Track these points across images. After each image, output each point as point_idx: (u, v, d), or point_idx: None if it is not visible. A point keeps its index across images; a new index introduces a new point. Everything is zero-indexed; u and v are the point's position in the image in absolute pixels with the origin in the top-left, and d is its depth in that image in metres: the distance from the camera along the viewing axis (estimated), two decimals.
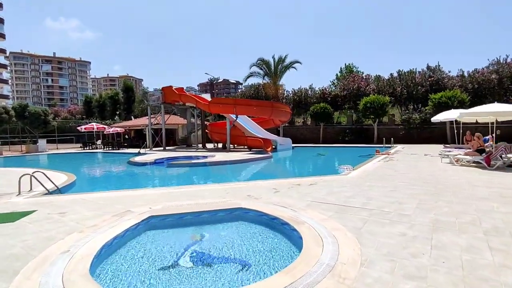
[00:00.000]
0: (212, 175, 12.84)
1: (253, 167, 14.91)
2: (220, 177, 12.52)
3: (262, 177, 11.68)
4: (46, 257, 3.82)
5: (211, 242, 4.85)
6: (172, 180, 11.82)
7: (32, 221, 5.38)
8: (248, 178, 12.07)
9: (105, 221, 5.24)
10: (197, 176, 12.62)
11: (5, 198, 7.47)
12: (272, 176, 11.85)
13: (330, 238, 4.19)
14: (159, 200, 6.66)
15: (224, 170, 13.93)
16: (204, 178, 12.35)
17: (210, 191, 7.59)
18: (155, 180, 12.06)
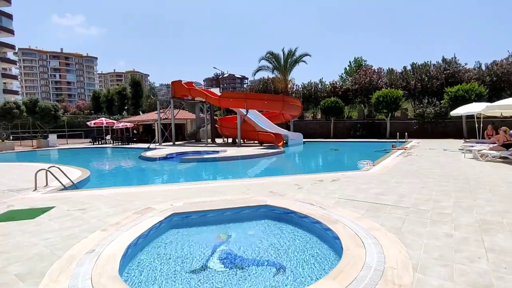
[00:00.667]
0: (226, 171, 12.61)
1: (267, 162, 14.63)
2: (235, 172, 12.29)
3: (279, 173, 11.41)
4: (71, 257, 3.61)
5: (239, 242, 4.61)
6: (186, 176, 11.62)
7: (52, 218, 5.20)
8: (265, 173, 11.79)
9: (127, 219, 5.03)
10: (211, 172, 12.40)
11: (22, 193, 7.33)
12: (288, 172, 11.57)
13: (370, 239, 3.91)
14: (178, 197, 6.44)
15: (238, 165, 13.69)
16: (219, 173, 12.13)
17: (229, 187, 7.34)
18: (169, 176, 11.87)
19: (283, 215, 5.44)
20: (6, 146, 24.07)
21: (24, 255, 3.73)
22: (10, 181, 9.31)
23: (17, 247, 3.98)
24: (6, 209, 5.93)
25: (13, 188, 8.09)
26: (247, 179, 8.32)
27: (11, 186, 8.38)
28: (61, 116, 27.72)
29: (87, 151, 23.88)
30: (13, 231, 4.62)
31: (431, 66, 26.61)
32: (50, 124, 27.39)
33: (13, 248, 3.97)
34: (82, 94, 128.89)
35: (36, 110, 26.00)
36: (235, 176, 11.41)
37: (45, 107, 26.26)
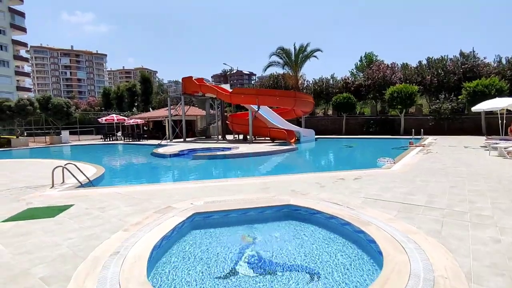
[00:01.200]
0: (240, 168, 12.41)
1: (281, 159, 14.39)
2: (249, 169, 12.08)
3: (295, 170, 11.16)
4: (96, 260, 3.46)
5: (265, 245, 4.40)
6: (201, 173, 11.46)
7: (72, 217, 5.09)
8: (281, 171, 11.53)
9: (148, 218, 4.87)
10: (225, 169, 12.23)
11: (39, 191, 7.28)
12: (305, 169, 11.30)
13: (410, 243, 3.65)
14: (197, 195, 6.27)
15: (251, 162, 13.48)
16: (233, 170, 11.94)
17: (248, 185, 7.14)
18: (183, 173, 11.73)
19: (308, 215, 5.21)
20: (20, 143, 24.40)
21: (47, 256, 3.59)
22: (26, 177, 9.30)
23: (40, 248, 3.85)
24: (25, 206, 5.85)
25: (30, 185, 8.06)
26: (265, 177, 8.10)
27: (28, 183, 8.35)
28: (73, 113, 27.96)
29: (99, 148, 24.02)
30: (34, 230, 4.51)
31: (448, 60, 25.79)
32: (63, 120, 27.66)
33: (35, 248, 3.85)
34: (92, 91, 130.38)
35: (49, 106, 26.26)
36: (250, 173, 11.22)
37: (58, 104, 26.50)
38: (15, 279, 3.11)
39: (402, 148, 14.81)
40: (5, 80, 53.35)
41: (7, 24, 54.57)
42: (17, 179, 8.99)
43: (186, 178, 10.62)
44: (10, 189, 7.56)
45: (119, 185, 8.77)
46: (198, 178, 10.71)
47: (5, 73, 53.41)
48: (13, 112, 24.25)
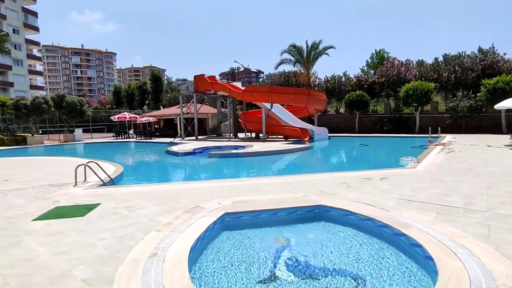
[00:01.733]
0: (258, 166, 12.29)
1: (298, 158, 14.21)
2: (267, 168, 11.95)
3: (314, 169, 11.00)
4: (135, 262, 3.38)
5: (301, 247, 4.27)
6: (219, 172, 11.37)
7: (101, 216, 5.04)
8: (299, 170, 11.32)
9: (178, 219, 4.79)
10: (242, 167, 12.12)
11: (63, 189, 7.29)
12: (324, 168, 11.13)
13: (461, 248, 3.47)
14: (223, 194, 6.17)
15: (268, 161, 13.36)
16: (251, 169, 11.82)
17: (273, 184, 7.02)
18: (201, 171, 11.65)
19: (341, 216, 5.06)
20: (36, 140, 24.78)
21: (85, 257, 3.54)
22: (47, 175, 9.37)
23: (75, 248, 3.80)
24: (53, 205, 5.84)
25: (53, 183, 8.10)
26: (287, 176, 7.96)
27: (51, 180, 8.39)
28: (86, 111, 28.24)
29: (112, 145, 24.23)
30: (67, 229, 4.47)
31: (465, 57, 25.12)
32: (76, 118, 27.98)
33: (71, 248, 3.80)
34: (102, 89, 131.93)
35: (63, 105, 26.57)
36: (269, 172, 11.09)
37: (72, 102, 26.80)
38: (57, 280, 3.05)
39: (421, 147, 14.47)
40: (19, 78, 54.33)
41: (21, 24, 55.47)
42: (39, 177, 9.05)
43: (204, 176, 10.55)
44: (35, 187, 7.60)
45: (139, 183, 8.75)
46: (216, 177, 10.60)
47: (19, 72, 54.37)
48: (29, 110, 24.62)
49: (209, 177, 10.23)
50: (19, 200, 6.33)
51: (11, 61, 49.98)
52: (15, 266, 3.36)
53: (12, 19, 53.54)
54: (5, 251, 3.77)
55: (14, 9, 54.48)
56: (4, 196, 6.77)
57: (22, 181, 8.44)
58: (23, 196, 6.68)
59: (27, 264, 3.41)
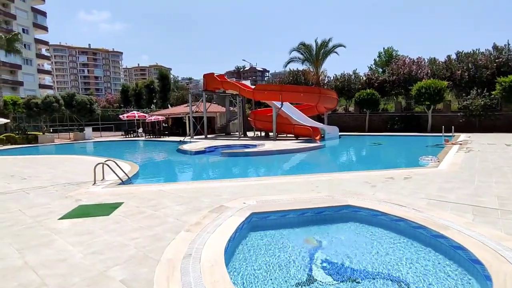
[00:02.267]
0: (273, 165, 12.18)
1: (312, 157, 14.07)
2: (282, 167, 11.82)
3: (332, 168, 10.84)
4: (171, 263, 3.31)
5: (334, 248, 4.17)
6: (233, 170, 11.30)
7: (127, 215, 4.99)
8: (317, 169, 11.16)
9: (206, 218, 4.71)
10: (258, 166, 12.02)
11: (83, 187, 7.27)
12: (341, 167, 10.95)
13: (508, 251, 3.32)
14: (245, 194, 6.08)
15: (281, 159, 13.24)
16: (266, 168, 11.72)
17: (293, 183, 6.91)
18: (216, 170, 11.57)
19: (370, 217, 4.93)
20: (47, 139, 24.99)
21: (119, 257, 3.47)
22: (65, 173, 9.38)
23: (108, 248, 3.74)
24: (75, 203, 5.81)
25: (71, 181, 8.09)
26: (308, 175, 7.84)
27: (69, 179, 8.39)
28: (96, 110, 28.40)
29: (123, 144, 24.33)
30: (95, 229, 4.42)
31: (479, 54, 24.62)
32: (86, 117, 28.17)
33: (103, 248, 3.74)
34: (109, 88, 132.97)
35: (73, 103, 26.76)
36: (285, 171, 10.94)
37: (82, 101, 26.98)
38: (96, 281, 2.98)
39: (437, 146, 14.22)
40: (28, 78, 54.92)
41: (30, 24, 56.07)
42: (58, 175, 9.07)
43: (219, 175, 10.47)
44: (54, 185, 7.60)
45: (157, 182, 8.71)
46: (230, 176, 10.51)
47: (28, 71, 54.97)
48: (40, 109, 24.84)
49: (223, 176, 10.13)
50: (41, 198, 6.32)
51: (21, 60, 50.62)
52: (51, 266, 3.31)
53: (21, 19, 54.14)
54: (37, 250, 3.73)
55: (23, 9, 55.08)
56: (25, 194, 6.77)
57: (41, 180, 8.46)
58: (44, 194, 6.67)
59: (62, 264, 3.36)
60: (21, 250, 3.76)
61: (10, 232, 4.39)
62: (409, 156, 12.85)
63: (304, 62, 30.16)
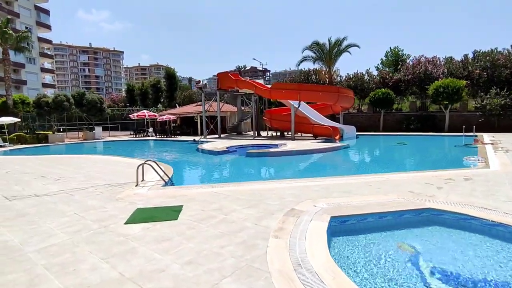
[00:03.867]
0: (306, 165, 11.85)
1: (344, 157, 13.72)
2: (318, 167, 11.49)
3: (373, 169, 10.40)
4: (285, 275, 3.01)
5: (434, 254, 3.87)
6: (269, 171, 10.95)
7: (198, 220, 4.67)
8: (363, 169, 10.58)
9: (286, 223, 4.41)
10: (289, 166, 11.67)
11: (126, 188, 6.94)
12: (387, 167, 10.43)
13: None
14: (308, 196, 5.77)
15: (312, 159, 12.94)
16: (299, 168, 11.38)
17: (353, 185, 6.59)
18: (252, 170, 11.00)
19: (457, 221, 4.63)
20: (57, 138, 24.61)
21: (222, 268, 3.16)
22: (96, 173, 9.05)
23: (202, 257, 3.43)
24: (130, 206, 5.49)
25: (109, 182, 7.77)
26: (362, 176, 7.55)
27: (105, 180, 8.06)
28: (106, 109, 28.04)
29: (135, 144, 23.96)
30: (171, 235, 4.10)
31: (497, 53, 24.37)
32: (96, 116, 27.80)
33: (197, 257, 3.42)
34: (110, 88, 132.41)
35: (84, 102, 26.40)
36: (322, 172, 10.51)
37: (92, 100, 26.63)
38: None
39: (467, 146, 13.92)
40: (31, 76, 54.45)
41: (33, 22, 55.56)
42: (91, 176, 8.73)
43: (257, 176, 10.01)
44: (95, 187, 7.28)
45: (199, 183, 8.39)
46: (266, 176, 10.18)
47: (31, 70, 54.49)
48: (51, 108, 24.47)
49: (260, 177, 9.79)
50: (91, 201, 5.99)
51: (24, 59, 50.13)
52: (153, 278, 3.00)
53: (25, 17, 53.60)
54: (125, 259, 3.41)
55: (27, 7, 54.55)
56: (70, 196, 6.44)
57: (76, 181, 8.12)
58: (91, 196, 6.35)
59: (163, 276, 3.05)
60: (107, 259, 3.45)
61: (82, 238, 4.07)
62: (445, 157, 12.50)
63: (316, 61, 29.87)
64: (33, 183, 8.07)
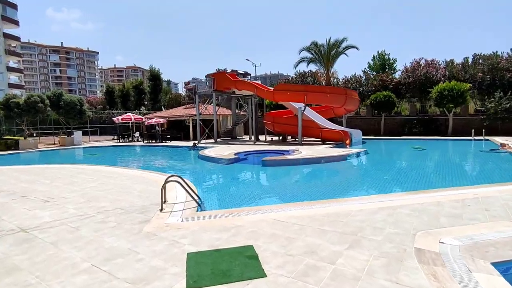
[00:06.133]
0: (348, 177, 10.19)
1: (377, 166, 12.11)
2: (366, 179, 9.73)
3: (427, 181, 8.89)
4: None
5: None
6: (309, 183, 9.21)
7: (298, 276, 3.06)
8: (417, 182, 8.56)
9: (439, 279, 2.90)
10: (332, 178, 9.94)
11: (151, 215, 5.14)
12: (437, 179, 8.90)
13: None
14: (408, 223, 4.32)
15: (342, 168, 11.53)
16: (345, 180, 9.53)
17: (447, 204, 5.21)
18: (287, 184, 9.19)
19: None
20: (29, 144, 21.68)
21: None
22: (98, 192, 7.07)
23: None
24: (173, 248, 3.77)
25: (120, 205, 5.90)
26: (444, 191, 6.21)
27: (114, 201, 6.18)
28: (86, 111, 25.32)
29: (122, 150, 21.56)
30: None
31: (497, 57, 24.50)
32: (75, 119, 24.98)
33: None
34: (83, 90, 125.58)
35: (61, 104, 23.57)
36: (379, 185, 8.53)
37: (71, 101, 23.85)
38: None
39: (494, 151, 13.17)
40: None
41: None
42: (90, 195, 6.77)
43: (302, 192, 7.93)
44: (102, 213, 5.43)
45: (234, 206, 6.70)
46: (316, 192, 7.91)
47: None
48: (22, 110, 21.48)
49: (306, 193, 7.86)
50: (108, 238, 4.18)
51: None
52: None
53: None
54: None
55: None
56: (73, 230, 4.57)
57: (74, 203, 6.17)
58: (104, 230, 4.52)
59: None
60: None
61: None
62: (486, 163, 11.22)
63: (311, 63, 28.89)
64: (13, 207, 6.03)
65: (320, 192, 7.80)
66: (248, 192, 8.07)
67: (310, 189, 8.37)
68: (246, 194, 7.89)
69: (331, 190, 7.92)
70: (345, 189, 8.17)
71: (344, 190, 8.05)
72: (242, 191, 8.24)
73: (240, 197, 7.50)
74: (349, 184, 8.87)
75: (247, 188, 8.67)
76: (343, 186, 8.50)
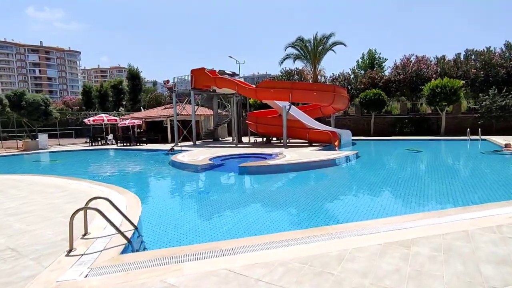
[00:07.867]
0: (342, 189, 8.38)
1: (375, 172, 10.42)
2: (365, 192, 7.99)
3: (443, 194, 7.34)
4: None
5: None
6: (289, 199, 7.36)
7: None
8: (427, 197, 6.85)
9: None
10: (319, 191, 8.16)
11: (51, 263, 3.39)
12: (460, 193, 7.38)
13: None
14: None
15: (337, 176, 9.99)
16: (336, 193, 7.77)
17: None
18: (250, 200, 7.54)
19: None
20: None
21: None
22: (9, 217, 5.24)
23: None
24: None
25: (22, 243, 4.13)
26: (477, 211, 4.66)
27: (15, 236, 4.39)
28: (53, 112, 23.06)
29: (90, 155, 19.50)
30: None
31: (490, 53, 23.61)
32: (40, 121, 22.71)
33: None
34: (65, 91, 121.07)
35: (23, 105, 21.29)
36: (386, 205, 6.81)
37: (34, 101, 21.58)
38: None
39: (497, 152, 11.92)
40: None
41: None
42: None
43: (278, 216, 6.24)
44: None
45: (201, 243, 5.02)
46: (296, 215, 6.37)
47: None
48: None
49: (272, 214, 6.36)
50: None
51: None
52: None
53: None
54: None
55: None
56: None
57: None
58: None
59: None
60: None
61: None
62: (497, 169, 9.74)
63: (297, 60, 27.45)
64: None
65: (303, 213, 6.13)
66: (207, 217, 6.18)
67: (290, 208, 6.64)
68: (203, 219, 6.01)
69: (317, 210, 6.26)
70: (335, 209, 6.48)
71: (335, 210, 6.41)
72: (200, 215, 6.31)
73: (193, 226, 5.66)
74: (340, 200, 7.13)
75: (208, 210, 6.68)
76: (333, 204, 6.79)
